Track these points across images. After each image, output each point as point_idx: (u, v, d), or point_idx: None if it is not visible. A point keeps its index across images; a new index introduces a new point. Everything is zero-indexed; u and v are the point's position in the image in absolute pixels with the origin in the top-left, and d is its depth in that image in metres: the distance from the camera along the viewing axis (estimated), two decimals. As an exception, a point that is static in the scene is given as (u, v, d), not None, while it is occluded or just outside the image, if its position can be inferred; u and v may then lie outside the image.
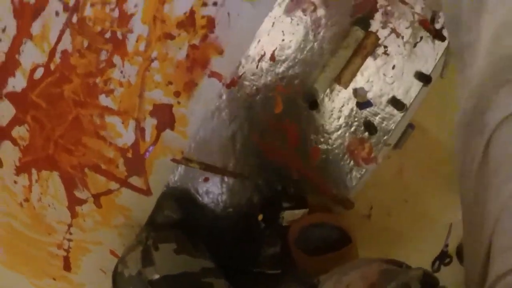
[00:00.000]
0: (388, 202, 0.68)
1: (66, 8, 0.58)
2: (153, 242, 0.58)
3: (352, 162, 0.62)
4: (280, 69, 0.57)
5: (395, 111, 0.61)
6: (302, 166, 0.63)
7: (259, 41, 0.56)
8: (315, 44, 0.57)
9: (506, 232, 0.29)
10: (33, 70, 0.61)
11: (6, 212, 0.72)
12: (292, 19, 0.56)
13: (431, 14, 0.60)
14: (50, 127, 0.64)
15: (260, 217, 0.63)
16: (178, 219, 0.65)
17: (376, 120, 0.61)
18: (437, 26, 0.61)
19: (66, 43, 0.59)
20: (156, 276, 0.53)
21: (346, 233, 0.62)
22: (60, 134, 0.64)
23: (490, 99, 0.30)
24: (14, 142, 0.66)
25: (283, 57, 0.57)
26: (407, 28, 0.59)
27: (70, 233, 0.71)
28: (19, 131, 0.66)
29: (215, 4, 0.54)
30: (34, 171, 0.68)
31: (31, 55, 0.60)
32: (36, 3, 0.58)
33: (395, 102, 0.60)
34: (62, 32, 0.58)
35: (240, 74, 0.56)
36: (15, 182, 0.69)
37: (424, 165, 0.65)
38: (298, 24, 0.57)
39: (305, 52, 0.57)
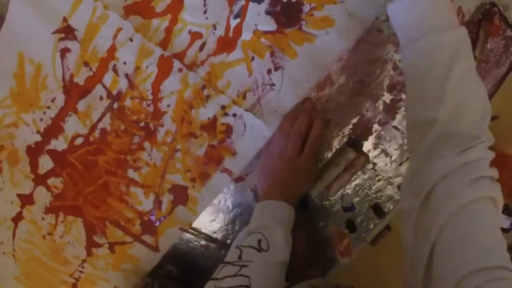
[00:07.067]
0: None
1: (109, 95, 0.68)
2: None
3: (331, 251, 0.72)
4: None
5: (375, 216, 0.71)
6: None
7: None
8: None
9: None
10: (74, 138, 0.71)
11: (29, 240, 0.81)
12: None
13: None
14: (82, 185, 0.74)
15: None
16: (177, 274, 0.75)
17: (358, 221, 0.71)
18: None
19: (106, 123, 0.69)
20: None
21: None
22: (90, 191, 0.74)
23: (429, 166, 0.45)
24: (48, 188, 0.76)
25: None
26: (396, 149, 0.66)
27: (83, 267, 0.80)
28: (54, 182, 0.75)
29: (234, 115, 0.64)
30: (61, 214, 0.77)
31: (74, 126, 0.70)
32: (84, 85, 0.68)
33: (376, 209, 0.70)
34: (103, 114, 0.69)
35: (247, 173, 0.67)
36: (43, 218, 0.77)
37: (397, 261, 0.74)
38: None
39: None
